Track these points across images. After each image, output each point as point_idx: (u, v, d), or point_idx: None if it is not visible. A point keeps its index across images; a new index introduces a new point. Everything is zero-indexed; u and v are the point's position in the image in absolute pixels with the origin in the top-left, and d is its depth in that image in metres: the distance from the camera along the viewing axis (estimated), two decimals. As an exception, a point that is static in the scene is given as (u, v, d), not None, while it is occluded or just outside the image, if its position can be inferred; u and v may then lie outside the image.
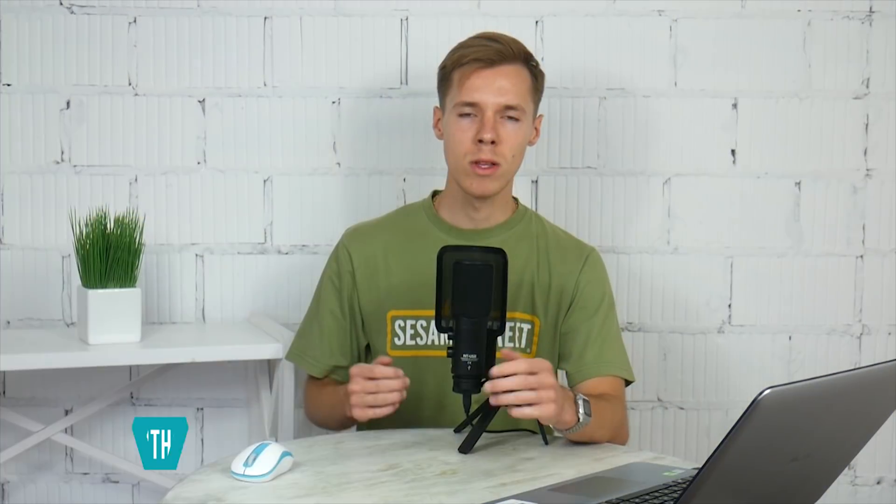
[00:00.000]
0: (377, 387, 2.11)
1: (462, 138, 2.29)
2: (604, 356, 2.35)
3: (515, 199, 2.45)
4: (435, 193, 2.46)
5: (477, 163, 2.28)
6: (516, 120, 2.30)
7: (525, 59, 2.33)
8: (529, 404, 2.00)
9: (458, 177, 2.33)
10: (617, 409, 2.27)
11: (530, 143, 2.38)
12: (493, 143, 2.27)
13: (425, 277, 2.27)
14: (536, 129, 2.39)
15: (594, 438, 2.16)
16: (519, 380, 2.00)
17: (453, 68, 2.31)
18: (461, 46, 2.34)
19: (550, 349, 2.39)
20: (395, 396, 2.12)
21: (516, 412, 2.02)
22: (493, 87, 2.28)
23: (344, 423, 2.33)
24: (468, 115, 2.29)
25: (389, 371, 2.13)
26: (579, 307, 2.38)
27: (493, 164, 2.29)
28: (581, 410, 2.09)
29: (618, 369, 2.36)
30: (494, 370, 2.02)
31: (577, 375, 2.35)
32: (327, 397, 2.36)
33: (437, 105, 2.39)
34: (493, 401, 2.03)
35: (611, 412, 2.22)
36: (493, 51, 2.29)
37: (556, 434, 2.18)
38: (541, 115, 2.40)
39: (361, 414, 2.13)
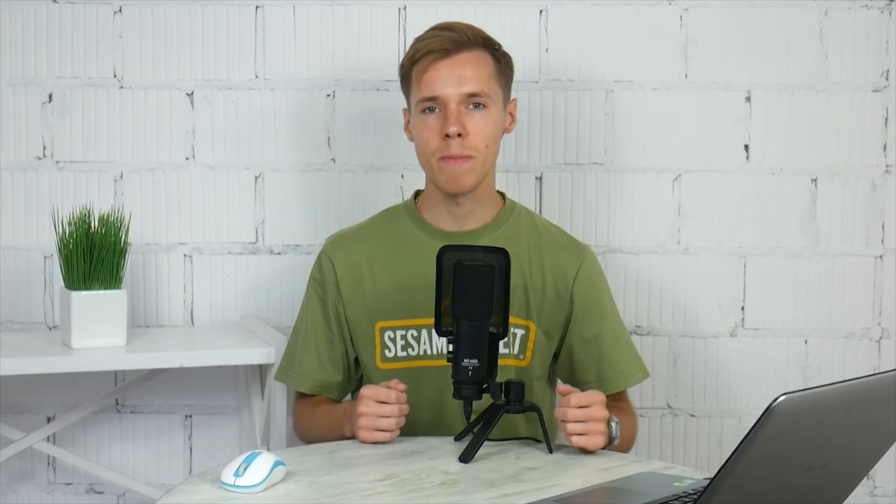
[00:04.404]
0: (390, 411, 2.13)
1: (429, 136, 2.27)
2: (621, 367, 2.37)
3: (502, 195, 2.41)
4: (418, 193, 2.43)
5: (445, 159, 2.25)
6: (483, 107, 2.27)
7: (484, 43, 2.31)
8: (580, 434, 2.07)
9: (433, 176, 2.31)
10: (630, 417, 2.30)
11: (507, 131, 2.37)
12: (460, 135, 2.24)
13: (412, 283, 2.30)
14: (511, 115, 2.38)
15: (614, 450, 2.17)
16: (572, 413, 2.07)
17: (411, 65, 2.31)
18: (416, 41, 2.34)
19: (545, 354, 2.36)
20: (402, 421, 2.15)
21: (574, 441, 2.08)
22: (453, 77, 2.25)
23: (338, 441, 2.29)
24: (432, 110, 2.27)
25: (403, 396, 2.15)
26: (582, 317, 2.35)
27: (467, 157, 2.25)
28: (613, 434, 2.11)
29: (637, 376, 2.38)
30: (572, 403, 2.07)
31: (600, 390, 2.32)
32: (321, 417, 2.33)
33: (405, 107, 2.38)
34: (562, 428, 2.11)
35: (631, 423, 2.28)
36: (447, 40, 2.27)
37: (561, 442, 2.18)
38: (514, 100, 2.38)
39: (368, 436, 2.13)
